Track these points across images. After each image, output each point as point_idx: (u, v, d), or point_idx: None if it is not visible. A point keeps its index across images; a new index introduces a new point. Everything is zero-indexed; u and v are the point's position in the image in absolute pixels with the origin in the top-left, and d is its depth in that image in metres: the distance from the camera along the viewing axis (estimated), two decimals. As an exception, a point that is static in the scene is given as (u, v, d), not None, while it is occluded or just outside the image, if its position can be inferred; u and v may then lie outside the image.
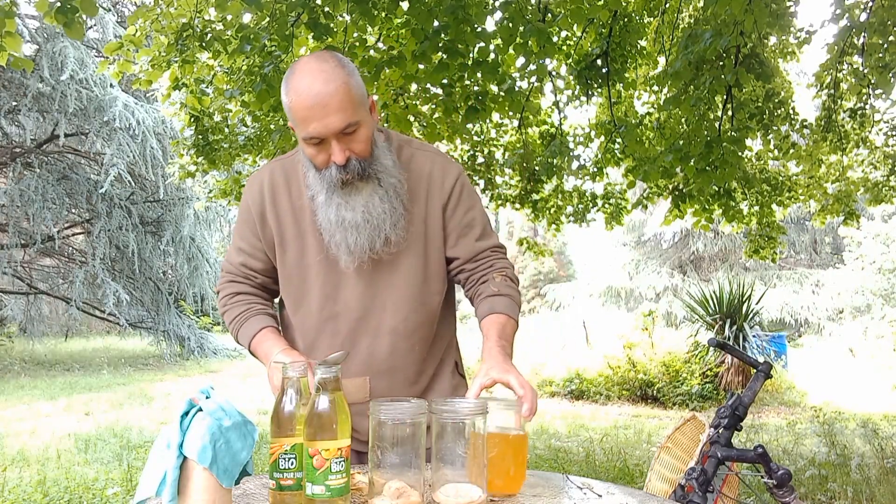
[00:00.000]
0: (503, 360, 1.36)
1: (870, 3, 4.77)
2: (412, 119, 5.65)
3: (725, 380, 8.68)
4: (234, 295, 1.59)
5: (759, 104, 5.48)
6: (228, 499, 1.10)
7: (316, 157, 1.39)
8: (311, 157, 1.40)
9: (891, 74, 4.65)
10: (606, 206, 7.21)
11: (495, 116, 6.43)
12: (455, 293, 1.71)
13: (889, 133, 6.60)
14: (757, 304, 9.91)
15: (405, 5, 4.13)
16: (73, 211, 13.83)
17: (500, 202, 6.86)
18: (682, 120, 5.31)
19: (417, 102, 5.26)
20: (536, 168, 6.04)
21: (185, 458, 1.01)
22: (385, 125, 5.19)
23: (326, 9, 3.89)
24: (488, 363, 1.34)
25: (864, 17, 4.83)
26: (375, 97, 1.52)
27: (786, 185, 6.94)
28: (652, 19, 6.16)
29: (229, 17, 4.68)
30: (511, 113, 5.40)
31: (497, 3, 3.99)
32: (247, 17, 4.72)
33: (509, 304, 1.53)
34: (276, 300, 1.66)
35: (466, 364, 1.80)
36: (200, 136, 5.64)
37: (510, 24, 3.82)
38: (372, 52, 4.42)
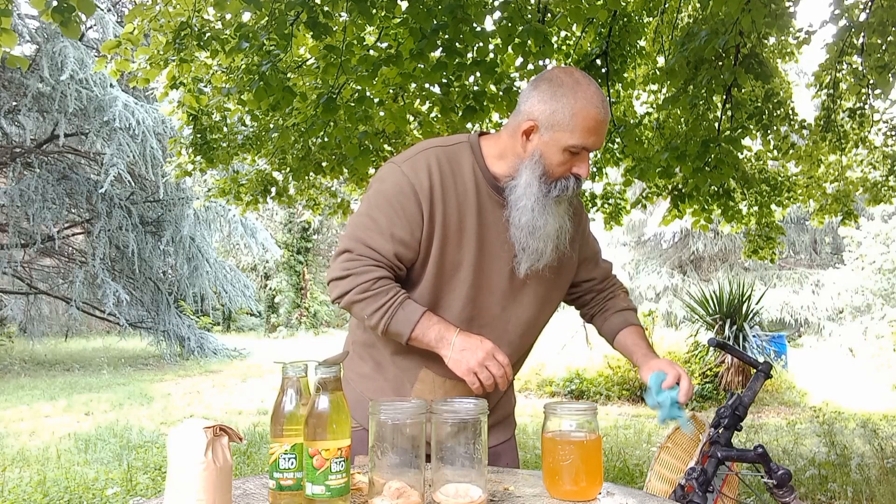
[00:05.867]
0: (666, 361, 1.54)
1: (869, 3, 4.77)
2: (411, 118, 5.65)
3: (725, 380, 8.68)
4: (377, 280, 1.43)
5: (759, 104, 5.48)
6: (228, 498, 1.11)
7: (562, 165, 1.44)
8: (558, 163, 1.44)
9: (890, 74, 4.64)
10: (606, 206, 7.20)
11: (495, 116, 6.42)
12: None
13: (888, 133, 6.59)
14: (757, 304, 9.91)
15: (404, 5, 4.12)
16: (73, 211, 13.82)
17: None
18: (682, 120, 5.31)
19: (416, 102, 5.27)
20: (536, 168, 6.02)
21: None
22: (382, 123, 5.20)
23: (325, 8, 3.89)
24: (659, 363, 1.53)
25: (863, 17, 4.83)
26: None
27: (785, 186, 6.93)
28: (651, 19, 6.15)
29: (228, 17, 4.68)
30: (510, 113, 5.39)
31: (496, 3, 3.99)
32: (246, 17, 4.72)
33: (637, 317, 1.73)
34: None
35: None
36: (199, 135, 5.63)
37: (509, 24, 3.81)
38: (371, 51, 4.41)
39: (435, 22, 3.68)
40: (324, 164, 5.80)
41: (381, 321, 1.43)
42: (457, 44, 3.74)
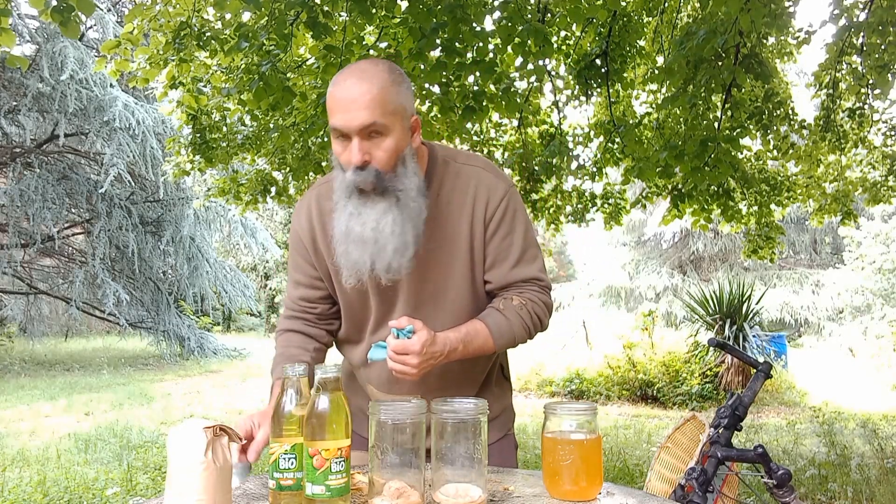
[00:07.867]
0: (440, 336, 1.34)
1: (869, 3, 4.77)
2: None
3: (725, 380, 8.68)
4: (283, 332, 1.56)
5: (758, 104, 5.48)
6: (228, 498, 1.11)
7: (341, 155, 1.35)
8: (338, 153, 1.35)
9: (889, 74, 4.65)
10: (605, 206, 7.20)
11: (495, 116, 6.42)
12: None
13: (887, 133, 6.59)
14: (757, 304, 9.91)
15: (404, 5, 4.12)
16: (73, 211, 13.82)
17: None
18: (681, 119, 5.31)
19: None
20: (536, 168, 6.04)
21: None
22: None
23: (325, 8, 3.89)
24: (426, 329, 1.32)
25: (862, 17, 4.83)
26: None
27: (785, 186, 6.93)
28: (651, 19, 6.15)
29: (228, 16, 4.68)
30: (509, 113, 5.40)
31: (496, 3, 3.99)
32: (246, 17, 4.72)
33: (500, 324, 1.42)
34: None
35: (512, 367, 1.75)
36: (198, 135, 5.63)
37: (509, 24, 3.82)
38: (371, 51, 4.42)
39: (435, 21, 3.68)
40: (324, 164, 5.80)
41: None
42: (456, 43, 3.74)
